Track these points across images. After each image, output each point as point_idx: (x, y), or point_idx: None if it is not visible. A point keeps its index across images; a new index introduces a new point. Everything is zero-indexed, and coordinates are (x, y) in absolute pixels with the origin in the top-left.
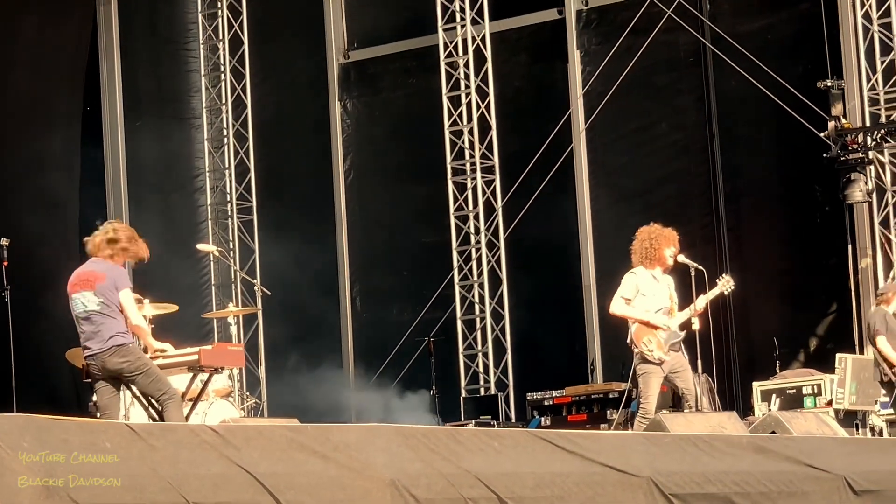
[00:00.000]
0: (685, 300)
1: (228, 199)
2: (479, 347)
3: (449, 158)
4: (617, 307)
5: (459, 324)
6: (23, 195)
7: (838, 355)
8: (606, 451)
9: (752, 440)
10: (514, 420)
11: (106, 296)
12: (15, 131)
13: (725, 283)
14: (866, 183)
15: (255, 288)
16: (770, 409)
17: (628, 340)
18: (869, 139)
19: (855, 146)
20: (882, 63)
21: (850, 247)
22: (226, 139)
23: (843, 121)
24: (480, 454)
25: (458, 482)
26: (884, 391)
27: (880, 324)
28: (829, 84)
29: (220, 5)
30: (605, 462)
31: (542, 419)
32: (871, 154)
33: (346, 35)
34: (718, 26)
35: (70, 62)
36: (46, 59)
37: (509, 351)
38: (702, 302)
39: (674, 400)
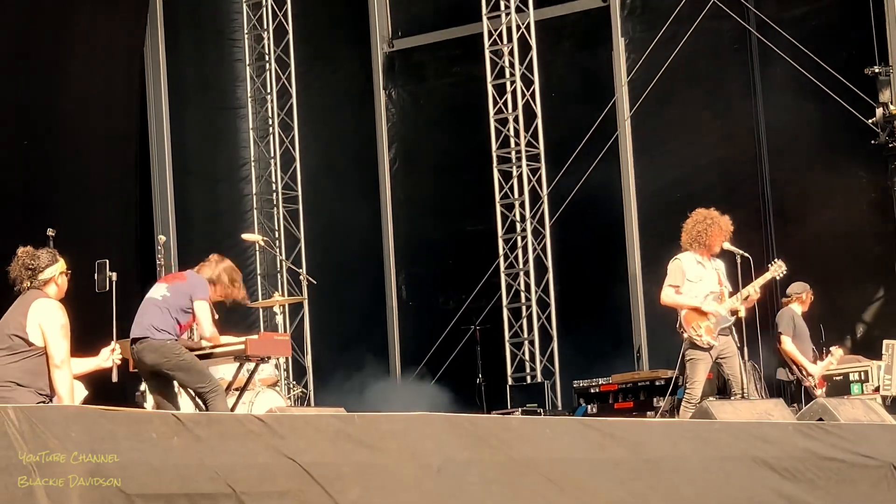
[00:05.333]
0: (732, 287)
1: (274, 188)
2: (525, 335)
3: (494, 146)
4: (667, 296)
5: (505, 312)
6: (74, 183)
7: (885, 342)
8: (657, 440)
9: (798, 427)
10: (560, 408)
11: (174, 294)
12: (71, 122)
13: (778, 268)
14: None
15: (301, 277)
16: (817, 397)
17: (677, 325)
18: None
19: None
20: None
21: None
22: (271, 128)
23: (892, 107)
24: (531, 441)
25: (509, 469)
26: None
27: (787, 325)
28: (877, 70)
29: None
30: (656, 450)
31: (589, 407)
32: None
33: (391, 24)
34: (763, 13)
35: (124, 53)
36: (101, 51)
37: (555, 339)
38: (755, 287)
39: (720, 388)
